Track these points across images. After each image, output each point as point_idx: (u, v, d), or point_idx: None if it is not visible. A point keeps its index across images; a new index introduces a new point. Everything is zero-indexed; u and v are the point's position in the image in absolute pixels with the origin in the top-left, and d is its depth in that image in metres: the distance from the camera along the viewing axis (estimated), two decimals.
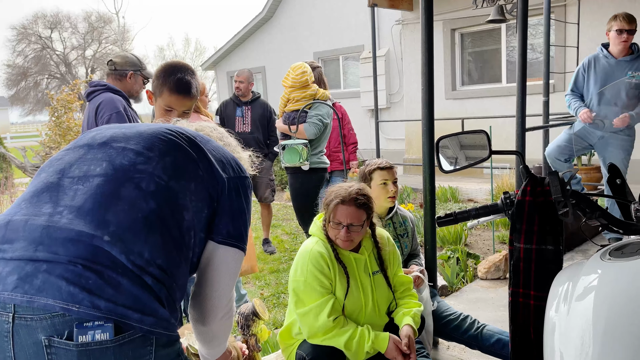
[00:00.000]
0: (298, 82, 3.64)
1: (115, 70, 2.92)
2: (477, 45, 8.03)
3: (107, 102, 2.72)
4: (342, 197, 2.01)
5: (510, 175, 6.43)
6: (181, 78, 1.96)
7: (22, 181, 10.36)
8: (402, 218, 2.66)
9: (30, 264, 0.96)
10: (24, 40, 44.07)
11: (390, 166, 2.54)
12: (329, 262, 2.00)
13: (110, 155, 1.11)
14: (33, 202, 1.06)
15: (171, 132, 1.19)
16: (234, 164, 1.25)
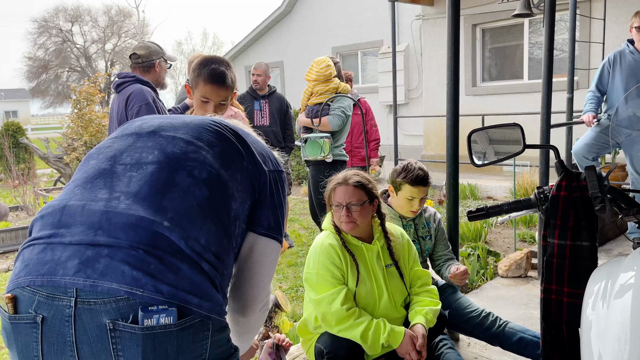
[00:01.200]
0: (322, 76, 3.65)
1: (143, 63, 2.94)
2: (498, 41, 7.92)
3: (137, 94, 2.75)
4: (338, 180, 2.07)
5: (531, 173, 6.34)
6: (215, 68, 1.98)
7: (44, 172, 10.54)
8: (426, 220, 2.61)
9: (91, 248, 0.96)
10: (45, 33, 44.68)
11: (423, 183, 2.40)
12: (340, 253, 2.02)
13: (161, 144, 1.12)
14: (87, 187, 1.06)
15: (216, 124, 1.21)
16: (272, 158, 1.27)
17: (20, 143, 7.95)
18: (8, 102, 49.67)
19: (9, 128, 9.53)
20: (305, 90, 3.83)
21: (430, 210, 2.68)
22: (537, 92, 7.34)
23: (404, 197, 2.43)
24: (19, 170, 9.56)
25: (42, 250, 0.98)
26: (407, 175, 2.39)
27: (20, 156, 9.41)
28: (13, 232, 5.08)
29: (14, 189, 6.12)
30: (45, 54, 45.38)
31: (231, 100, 2.13)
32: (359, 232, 2.09)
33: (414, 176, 2.38)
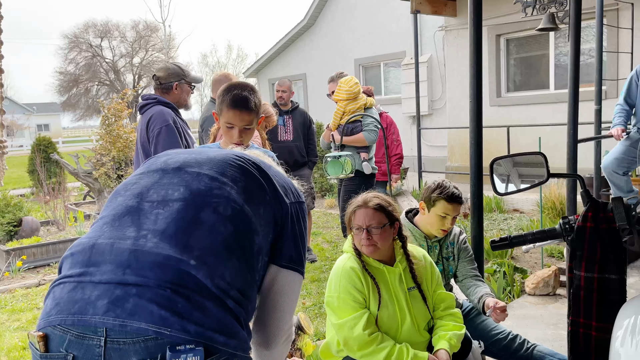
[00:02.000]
0: (352, 94, 3.78)
1: (161, 85, 2.99)
2: (523, 50, 7.82)
3: (157, 116, 2.80)
4: (358, 203, 2.06)
5: (559, 185, 6.21)
6: (237, 94, 2.01)
7: (75, 185, 10.80)
8: (450, 240, 2.57)
9: (120, 287, 0.98)
10: (75, 49, 46.08)
11: (458, 201, 2.38)
12: (361, 277, 2.01)
13: (187, 180, 1.14)
14: (115, 225, 1.09)
15: (239, 158, 1.22)
16: (293, 189, 1.28)
17: (52, 158, 8.18)
18: (40, 116, 51.26)
19: (40, 143, 9.83)
20: (336, 111, 3.95)
21: (455, 230, 2.64)
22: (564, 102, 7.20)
23: (437, 214, 2.39)
24: (50, 184, 9.84)
25: (72, 289, 1.01)
26: (443, 192, 2.36)
27: (51, 170, 9.69)
28: (44, 247, 5.21)
29: (45, 204, 6.29)
30: (76, 69, 46.77)
31: (259, 123, 2.15)
32: (380, 255, 2.07)
33: (450, 192, 2.36)
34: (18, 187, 12.33)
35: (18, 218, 5.58)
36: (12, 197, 5.77)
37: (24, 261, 5.03)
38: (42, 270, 5.13)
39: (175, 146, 2.75)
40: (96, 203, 7.48)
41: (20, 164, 19.38)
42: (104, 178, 6.94)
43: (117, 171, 7.05)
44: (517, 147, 7.46)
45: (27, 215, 5.83)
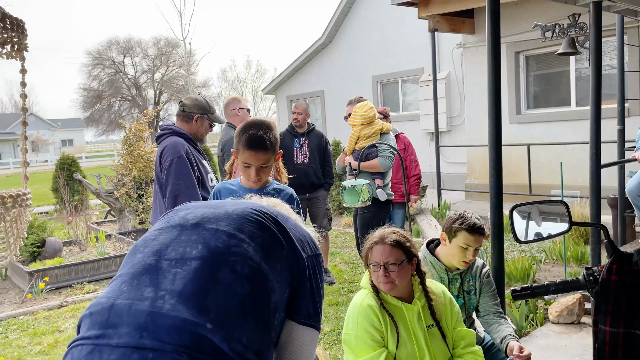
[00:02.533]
0: (367, 118, 3.76)
1: (183, 112, 3.04)
2: (543, 67, 7.74)
3: (170, 147, 2.84)
4: (375, 239, 2.04)
5: (582, 205, 6.08)
6: (253, 134, 2.03)
7: (97, 202, 10.98)
8: (472, 273, 2.52)
9: (137, 352, 0.98)
10: (99, 65, 47.21)
11: (480, 232, 2.33)
12: (379, 314, 1.99)
13: (205, 237, 1.15)
14: (134, 284, 1.10)
15: (257, 213, 1.22)
16: (310, 242, 1.27)
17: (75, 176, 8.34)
18: (65, 132, 52.46)
19: (64, 161, 10.03)
20: (351, 135, 3.94)
21: (478, 262, 2.58)
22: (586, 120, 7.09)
23: (458, 245, 2.34)
24: (73, 202, 10.01)
25: (89, 352, 1.01)
26: (465, 222, 2.32)
27: (74, 188, 9.87)
28: (66, 269, 5.29)
29: (67, 224, 6.40)
30: (99, 85, 47.90)
31: (277, 159, 2.17)
32: (398, 291, 2.05)
33: (471, 223, 2.32)
34: (42, 204, 12.59)
35: (41, 239, 5.68)
36: (35, 218, 5.89)
37: (47, 283, 5.11)
38: (64, 292, 5.21)
39: (186, 178, 2.78)
40: (117, 222, 7.59)
41: (44, 179, 19.83)
42: (124, 198, 7.04)
43: (138, 190, 7.16)
44: (537, 165, 7.35)
45: (51, 236, 5.94)
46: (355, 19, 11.58)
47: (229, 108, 4.48)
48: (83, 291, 5.15)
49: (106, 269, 5.53)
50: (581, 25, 3.43)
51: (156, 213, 2.99)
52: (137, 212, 7.16)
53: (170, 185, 2.78)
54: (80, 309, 4.70)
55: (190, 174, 2.81)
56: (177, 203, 2.79)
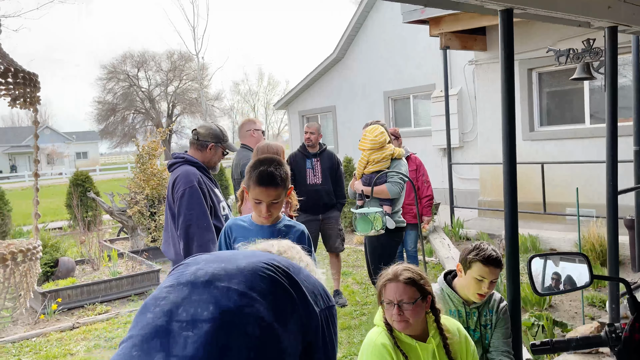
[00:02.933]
0: (377, 144, 3.69)
1: (197, 140, 3.04)
2: (556, 84, 7.67)
3: (182, 177, 2.84)
4: (389, 276, 2.01)
5: (598, 225, 5.98)
6: (264, 170, 2.03)
7: (110, 218, 11.04)
8: (490, 307, 2.46)
9: None
10: (113, 79, 47.98)
11: (496, 264, 2.29)
12: (393, 354, 1.95)
13: (216, 297, 1.13)
14: (144, 349, 1.08)
15: (269, 268, 1.21)
16: (323, 293, 1.25)
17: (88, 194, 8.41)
18: (79, 144, 53.18)
19: (78, 177, 10.14)
20: (360, 159, 3.88)
21: (496, 296, 2.52)
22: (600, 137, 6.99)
23: (473, 277, 2.31)
24: (87, 217, 10.09)
25: None
26: (480, 254, 2.29)
27: (88, 204, 9.95)
28: (78, 289, 5.31)
29: (81, 244, 6.44)
30: (114, 98, 48.62)
31: (288, 194, 2.16)
32: (412, 330, 2.01)
33: (486, 255, 2.28)
34: (56, 219, 12.72)
35: (55, 258, 5.72)
36: (49, 237, 5.93)
37: (59, 304, 5.13)
38: (77, 312, 5.22)
39: (198, 208, 2.78)
40: (129, 240, 7.62)
41: (59, 193, 20.06)
42: (137, 216, 7.08)
43: (150, 208, 7.19)
44: (551, 182, 7.26)
45: (64, 255, 5.97)
46: (367, 36, 11.62)
47: (243, 129, 4.50)
48: (95, 312, 5.16)
49: (118, 289, 5.54)
50: (596, 51, 3.39)
51: (167, 242, 2.98)
52: (150, 230, 7.19)
53: (182, 215, 2.78)
54: (91, 331, 4.71)
55: (203, 204, 2.81)
56: (190, 233, 2.78)
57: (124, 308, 5.29)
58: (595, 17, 2.84)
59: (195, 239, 2.77)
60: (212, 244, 2.79)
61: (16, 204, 10.96)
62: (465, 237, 7.38)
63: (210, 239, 2.78)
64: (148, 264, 6.13)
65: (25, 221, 12.77)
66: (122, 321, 4.93)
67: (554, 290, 1.32)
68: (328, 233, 5.07)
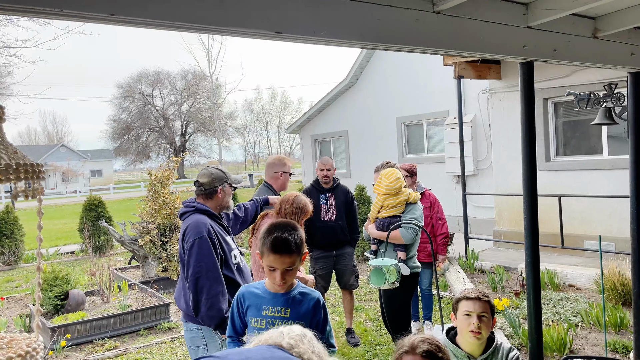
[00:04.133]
0: (393, 189, 3.61)
1: (205, 190, 2.96)
2: (572, 114, 7.56)
3: (192, 227, 2.78)
4: (405, 348, 1.91)
5: (618, 260, 5.79)
6: (277, 237, 1.97)
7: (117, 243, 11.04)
8: (499, 357, 2.37)
9: None
10: (128, 98, 48.77)
11: (478, 297, 2.33)
12: None
13: None
14: None
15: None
16: None
17: (100, 225, 8.40)
18: (94, 162, 53.80)
19: (91, 202, 10.17)
20: (374, 202, 3.80)
21: (505, 346, 2.44)
22: (620, 169, 6.81)
23: (462, 316, 2.33)
24: (99, 242, 10.10)
25: None
26: (463, 292, 2.41)
27: (100, 229, 9.96)
28: (87, 324, 5.25)
29: (91, 276, 6.40)
30: (129, 116, 49.33)
31: (302, 260, 2.09)
32: None
33: (468, 291, 2.40)
34: (69, 242, 12.76)
35: (65, 291, 5.68)
36: (60, 269, 5.90)
37: (68, 339, 5.07)
38: (85, 348, 5.16)
39: (207, 259, 2.71)
40: (140, 269, 7.58)
41: (72, 213, 20.22)
42: (149, 245, 7.04)
43: (162, 238, 7.16)
44: (569, 213, 7.10)
45: (74, 287, 5.94)
46: (380, 62, 11.64)
47: (272, 169, 4.18)
48: (104, 348, 5.10)
49: (127, 323, 5.47)
50: (618, 96, 3.30)
51: (179, 291, 2.92)
52: (161, 259, 7.14)
53: (191, 267, 2.72)
54: None
55: (212, 255, 2.74)
56: (199, 285, 2.72)
57: (132, 344, 5.22)
58: (618, 64, 2.77)
59: (205, 291, 2.70)
60: (221, 296, 2.72)
61: (31, 225, 11.03)
62: (480, 269, 7.22)
63: (220, 291, 2.71)
64: (158, 296, 6.07)
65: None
66: (130, 358, 4.86)
67: None
68: (342, 270, 4.97)
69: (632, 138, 2.95)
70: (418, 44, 1.91)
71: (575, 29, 2.47)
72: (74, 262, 9.89)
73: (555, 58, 2.40)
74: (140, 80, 49.46)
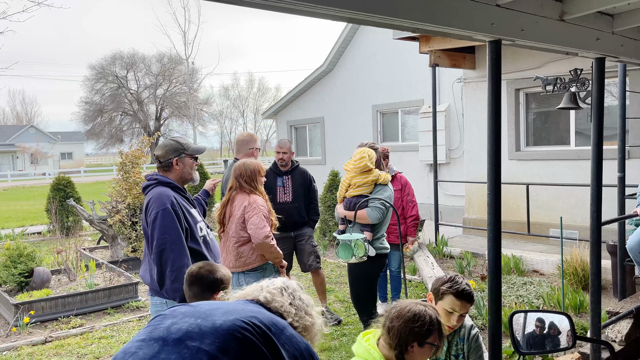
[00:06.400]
0: (358, 168, 3.61)
1: (161, 163, 2.91)
2: (543, 105, 7.72)
3: (155, 200, 2.75)
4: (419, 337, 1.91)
5: (580, 248, 5.98)
6: None
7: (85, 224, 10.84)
8: (461, 336, 2.43)
9: None
10: (101, 79, 47.53)
11: (468, 299, 2.27)
12: None
13: (184, 358, 1.08)
14: None
15: (247, 327, 1.15)
16: (307, 353, 1.19)
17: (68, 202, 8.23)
18: (65, 145, 52.48)
19: (59, 182, 9.94)
20: (342, 180, 3.80)
21: (467, 324, 2.50)
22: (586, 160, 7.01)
23: (444, 309, 2.28)
24: (67, 223, 9.89)
25: None
26: (453, 287, 2.27)
27: (68, 209, 9.76)
28: (52, 301, 5.17)
29: (57, 254, 6.28)
30: (102, 99, 48.13)
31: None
32: None
33: (460, 289, 2.26)
34: (36, 222, 12.47)
35: (30, 268, 5.56)
36: (25, 246, 5.77)
37: (32, 316, 4.98)
38: (50, 325, 5.07)
39: (171, 231, 2.68)
40: (109, 249, 7.47)
41: (41, 195, 19.70)
42: (118, 225, 6.94)
43: (132, 218, 7.06)
44: (536, 202, 7.28)
45: (40, 264, 5.82)
46: (357, 50, 11.64)
47: (245, 146, 4.31)
48: (69, 325, 5.02)
49: (94, 301, 5.40)
50: (582, 81, 3.39)
51: (145, 266, 2.89)
52: (130, 239, 7.05)
53: (155, 239, 2.69)
54: (64, 346, 4.57)
55: (176, 227, 2.71)
56: (163, 257, 2.69)
57: (99, 322, 5.16)
58: (584, 48, 2.83)
59: (169, 264, 2.68)
60: (186, 269, 2.70)
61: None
62: (449, 255, 7.35)
63: (184, 263, 2.68)
64: (127, 275, 6.00)
65: (4, 224, 12.51)
66: (96, 336, 4.80)
67: (536, 350, 1.27)
68: (301, 250, 4.98)
69: (594, 122, 3.04)
70: (389, 14, 1.92)
71: (542, 11, 2.51)
72: (41, 242, 9.67)
73: (523, 38, 2.44)
74: (114, 61, 48.23)
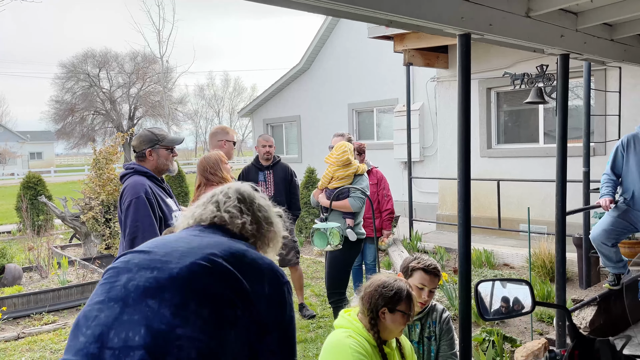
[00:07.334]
0: (341, 162, 3.77)
1: (136, 153, 2.95)
2: (513, 104, 7.94)
3: (129, 188, 2.77)
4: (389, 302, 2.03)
5: (549, 241, 6.19)
6: None
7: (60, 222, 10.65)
8: (433, 319, 2.53)
9: None
10: (73, 78, 46.47)
11: (435, 273, 2.42)
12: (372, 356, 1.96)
13: (147, 318, 1.08)
14: None
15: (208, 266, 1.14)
16: (272, 274, 1.21)
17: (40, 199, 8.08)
18: (34, 144, 51.15)
19: (30, 180, 9.74)
20: (325, 173, 3.97)
21: (438, 307, 2.59)
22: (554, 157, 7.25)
23: (414, 285, 2.39)
24: (38, 221, 9.69)
25: None
26: (421, 262, 2.41)
27: (39, 208, 9.57)
28: (25, 298, 5.08)
29: (29, 251, 6.17)
30: (73, 98, 47.05)
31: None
32: None
33: (427, 263, 2.40)
34: (5, 222, 12.17)
35: (1, 265, 5.46)
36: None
37: (4, 312, 4.89)
38: (22, 322, 4.99)
39: (144, 220, 2.70)
40: (82, 246, 7.37)
41: (10, 195, 19.20)
42: (91, 222, 6.85)
43: (106, 215, 6.98)
44: (507, 198, 7.48)
45: (11, 261, 5.71)
46: (333, 48, 11.73)
47: (215, 138, 4.20)
48: (42, 322, 4.95)
49: (67, 298, 5.33)
50: (548, 76, 3.54)
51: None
52: (104, 236, 6.97)
53: (128, 227, 2.70)
54: (37, 342, 4.51)
55: (149, 216, 2.72)
56: (134, 245, 2.69)
57: (72, 318, 5.09)
58: (549, 45, 2.96)
59: None
60: None
61: None
62: (423, 250, 7.49)
63: None
64: (100, 272, 5.93)
65: None
66: (69, 332, 4.75)
67: (499, 316, 1.35)
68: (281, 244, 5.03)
69: (559, 115, 3.18)
70: (365, 5, 1.99)
71: (510, 7, 2.62)
72: (11, 241, 9.45)
73: (491, 32, 2.55)
74: (85, 60, 47.20)
